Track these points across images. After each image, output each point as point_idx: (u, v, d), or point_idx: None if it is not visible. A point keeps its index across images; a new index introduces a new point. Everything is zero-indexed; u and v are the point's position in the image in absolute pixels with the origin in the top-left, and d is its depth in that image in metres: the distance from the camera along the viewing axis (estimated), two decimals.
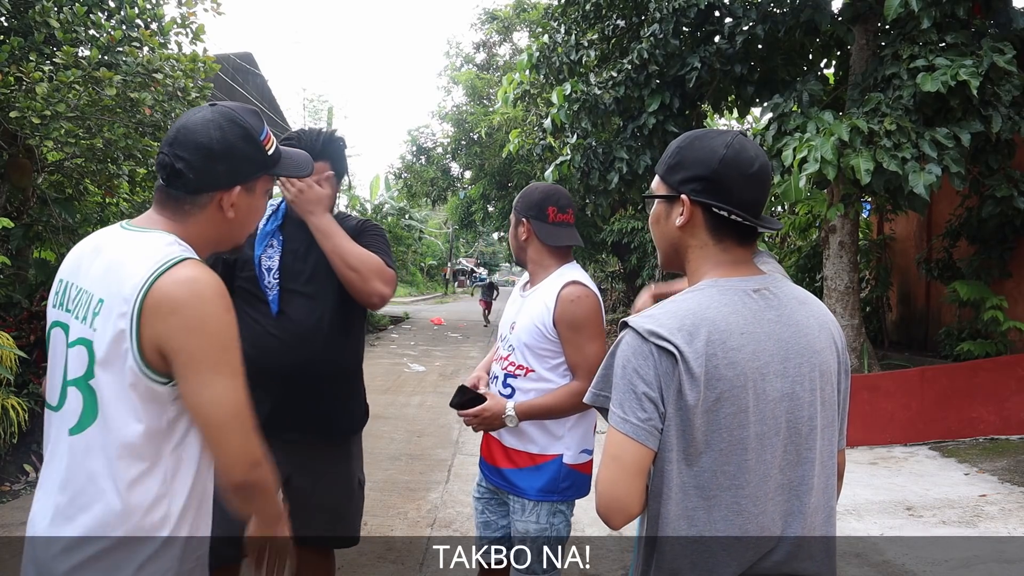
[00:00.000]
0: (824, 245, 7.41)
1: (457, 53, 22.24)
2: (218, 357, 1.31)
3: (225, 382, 1.31)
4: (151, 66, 5.67)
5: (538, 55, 8.95)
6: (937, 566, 3.93)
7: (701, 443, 1.23)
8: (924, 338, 9.02)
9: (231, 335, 1.34)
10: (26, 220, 6.41)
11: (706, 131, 1.36)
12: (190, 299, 1.29)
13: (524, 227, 2.40)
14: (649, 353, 1.22)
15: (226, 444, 1.33)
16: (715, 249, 1.32)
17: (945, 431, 6.61)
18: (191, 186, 1.39)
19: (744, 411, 1.22)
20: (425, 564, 4.03)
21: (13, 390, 5.42)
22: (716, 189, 1.29)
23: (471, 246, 57.66)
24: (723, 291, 1.28)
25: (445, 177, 21.02)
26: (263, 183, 1.51)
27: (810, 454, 1.28)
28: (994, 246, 7.40)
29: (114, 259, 1.35)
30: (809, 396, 1.28)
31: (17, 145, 5.91)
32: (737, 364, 1.22)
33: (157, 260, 1.31)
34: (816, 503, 1.29)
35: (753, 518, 1.23)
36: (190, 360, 1.29)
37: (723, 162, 1.28)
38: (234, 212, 1.44)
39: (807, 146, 5.68)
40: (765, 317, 1.27)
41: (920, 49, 5.84)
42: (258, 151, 1.45)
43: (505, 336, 2.40)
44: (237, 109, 1.46)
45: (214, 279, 1.34)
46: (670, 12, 7.41)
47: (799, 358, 1.27)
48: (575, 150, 8.61)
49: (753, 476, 1.23)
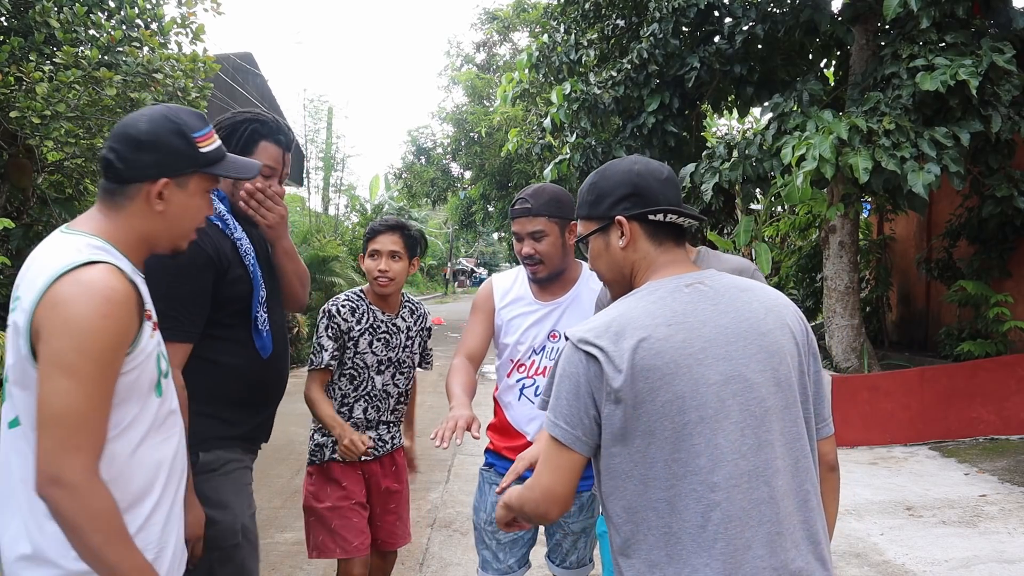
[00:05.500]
0: (824, 245, 7.41)
1: (457, 53, 22.24)
2: (72, 359, 1.26)
3: (66, 384, 1.25)
4: (151, 66, 5.67)
5: (538, 55, 8.95)
6: (937, 566, 3.93)
7: (646, 433, 1.26)
8: (924, 338, 9.01)
9: (99, 342, 1.28)
10: (26, 220, 6.41)
11: (607, 164, 1.51)
12: (74, 297, 1.28)
13: (572, 231, 2.31)
14: (579, 360, 1.30)
15: (39, 443, 1.26)
16: (656, 254, 1.42)
17: (945, 431, 6.61)
18: (120, 175, 1.42)
19: (680, 397, 1.26)
20: (425, 564, 4.03)
21: None
22: (644, 199, 1.42)
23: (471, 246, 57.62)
24: (652, 291, 1.36)
25: (445, 177, 21.03)
26: (199, 181, 1.50)
27: (768, 436, 1.28)
28: (994, 246, 7.39)
29: (38, 260, 1.37)
30: (759, 377, 1.29)
31: (17, 145, 5.91)
32: (664, 353, 1.26)
33: (68, 260, 1.32)
34: (785, 487, 1.28)
35: (716, 506, 1.24)
36: (47, 351, 1.27)
37: (640, 175, 1.43)
38: (163, 206, 1.44)
39: (805, 144, 5.68)
40: (699, 307, 1.32)
41: (919, 49, 5.84)
42: (188, 146, 1.46)
43: (544, 347, 2.35)
44: (176, 108, 1.50)
45: (107, 283, 1.31)
46: (670, 12, 7.41)
47: (742, 341, 1.31)
48: (574, 149, 8.62)
49: (706, 461, 1.25)
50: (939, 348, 7.90)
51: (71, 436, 1.25)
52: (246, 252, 1.99)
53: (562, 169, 8.79)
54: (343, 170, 27.46)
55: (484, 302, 2.46)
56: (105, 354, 1.29)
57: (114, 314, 1.29)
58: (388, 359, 2.65)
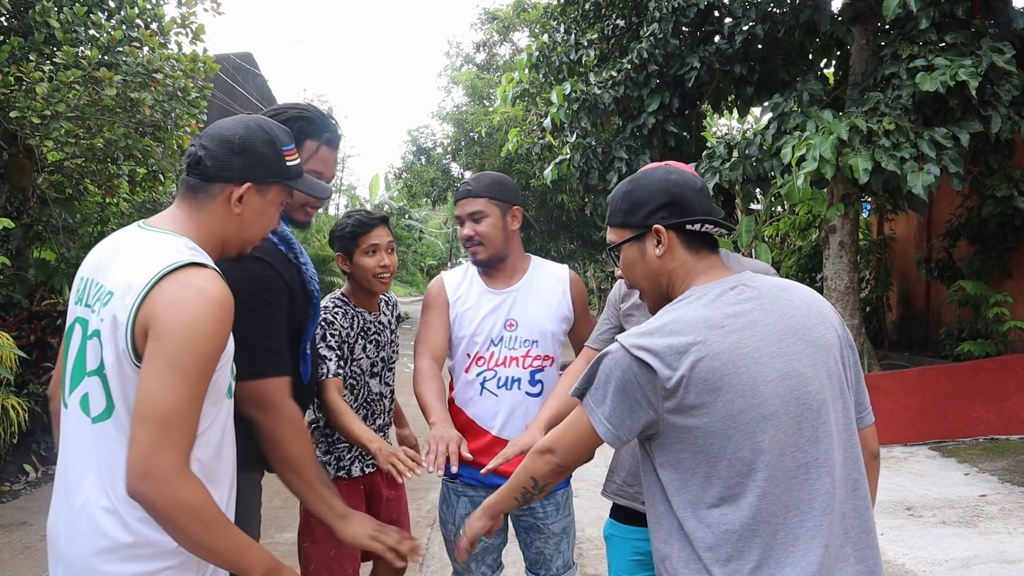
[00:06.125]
0: (824, 245, 7.41)
1: (457, 53, 22.22)
2: (185, 360, 1.29)
3: (173, 382, 1.28)
4: (151, 66, 5.67)
5: (538, 54, 8.95)
6: (937, 566, 3.93)
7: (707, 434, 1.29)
8: (924, 338, 9.02)
9: (210, 346, 1.33)
10: (26, 220, 6.42)
11: (641, 172, 1.52)
12: (190, 300, 1.31)
13: (514, 216, 2.33)
14: (630, 365, 1.32)
15: (134, 440, 1.28)
16: (694, 262, 1.45)
17: (945, 431, 6.62)
18: (207, 173, 1.47)
19: (742, 395, 1.28)
20: (425, 564, 4.03)
21: (13, 390, 5.41)
22: (682, 209, 1.44)
23: None
24: (699, 296, 1.38)
25: (445, 177, 21.00)
26: (277, 192, 1.55)
27: (826, 427, 1.32)
28: (994, 246, 7.40)
29: (129, 256, 1.40)
30: (811, 371, 1.33)
31: (17, 145, 5.91)
32: (721, 355, 1.29)
33: (169, 260, 1.35)
34: (842, 477, 1.33)
35: (776, 498, 1.28)
36: (156, 347, 1.30)
37: (677, 185, 1.45)
38: (242, 209, 1.49)
39: (805, 144, 5.68)
40: (746, 308, 1.35)
41: (919, 49, 5.84)
42: (277, 158, 1.52)
43: (502, 337, 2.31)
44: (270, 121, 1.55)
45: (218, 288, 1.36)
46: (670, 12, 7.41)
47: (791, 337, 1.34)
48: (574, 149, 8.61)
49: (769, 457, 1.28)
50: (939, 348, 7.90)
51: (169, 433, 1.28)
52: (311, 277, 1.90)
53: (562, 169, 8.78)
54: (343, 170, 27.47)
55: (437, 297, 2.38)
56: (213, 356, 1.34)
57: (226, 320, 1.35)
58: (380, 359, 2.54)
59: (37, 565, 4.02)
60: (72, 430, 1.41)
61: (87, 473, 1.37)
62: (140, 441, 1.27)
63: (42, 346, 5.99)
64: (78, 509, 1.36)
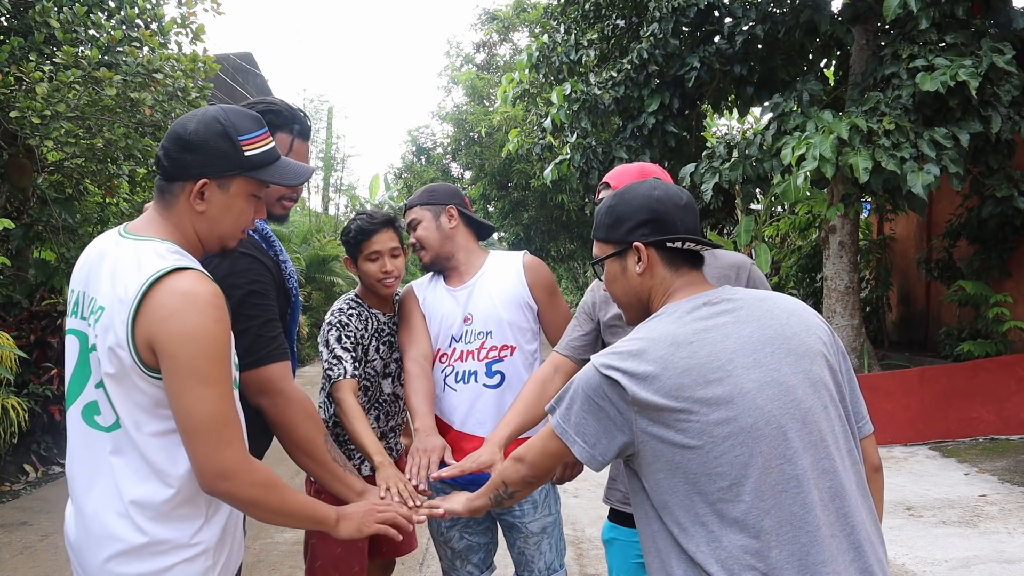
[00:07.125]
0: (824, 245, 7.41)
1: (457, 53, 22.21)
2: (203, 367, 1.33)
3: (204, 392, 1.33)
4: (151, 66, 5.67)
5: (538, 55, 8.95)
6: (937, 566, 3.93)
7: (683, 448, 1.27)
8: (924, 338, 9.02)
9: (220, 346, 1.36)
10: (26, 220, 6.41)
11: (626, 186, 1.51)
12: (183, 308, 1.32)
13: (450, 215, 2.35)
14: (600, 384, 1.32)
15: (194, 452, 1.34)
16: (673, 279, 1.44)
17: (945, 431, 6.62)
18: (166, 173, 1.47)
19: (717, 409, 1.26)
20: (425, 564, 4.03)
21: (13, 390, 5.41)
22: (663, 226, 1.42)
23: None
24: (671, 312, 1.38)
25: (445, 177, 20.99)
26: (241, 184, 1.50)
27: (815, 436, 1.28)
28: (994, 246, 7.40)
29: (115, 268, 1.40)
30: (793, 379, 1.30)
31: (17, 145, 5.91)
32: (691, 370, 1.27)
33: (154, 267, 1.35)
34: (835, 488, 1.28)
35: (766, 514, 1.23)
36: (176, 365, 1.32)
37: (659, 201, 1.44)
38: (204, 206, 1.47)
39: (805, 144, 5.68)
40: (718, 322, 1.34)
41: (919, 49, 5.84)
42: (233, 149, 1.46)
43: (461, 332, 2.33)
44: (228, 110, 1.50)
45: (207, 288, 1.37)
46: (670, 12, 7.41)
47: (769, 347, 1.32)
48: (575, 150, 8.61)
49: (754, 471, 1.24)
50: (939, 348, 7.90)
51: (222, 434, 1.35)
52: (290, 275, 1.93)
53: (562, 169, 8.78)
54: (343, 170, 27.44)
55: (409, 301, 2.45)
56: (225, 353, 1.38)
57: (223, 317, 1.37)
58: (394, 360, 2.53)
59: (37, 565, 4.02)
60: (76, 439, 1.43)
61: (95, 481, 1.39)
62: (199, 451, 1.33)
63: (42, 346, 5.99)
64: (90, 516, 1.39)
